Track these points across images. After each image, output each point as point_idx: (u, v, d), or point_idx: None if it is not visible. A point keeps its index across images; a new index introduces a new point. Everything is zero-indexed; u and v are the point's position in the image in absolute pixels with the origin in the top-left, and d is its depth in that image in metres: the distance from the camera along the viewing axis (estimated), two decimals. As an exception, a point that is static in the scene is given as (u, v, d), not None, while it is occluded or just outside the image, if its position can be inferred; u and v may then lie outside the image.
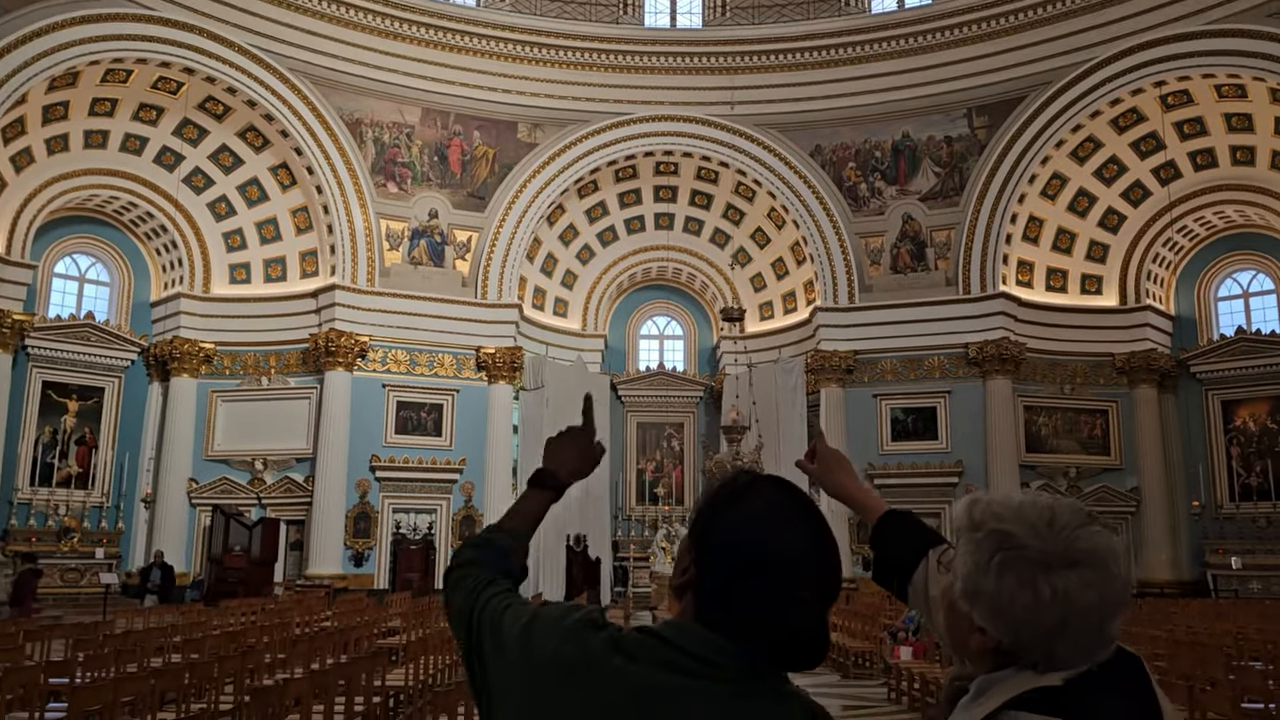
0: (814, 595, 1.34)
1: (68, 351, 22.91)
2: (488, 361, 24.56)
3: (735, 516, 1.36)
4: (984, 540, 1.34)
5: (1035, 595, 1.29)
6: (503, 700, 1.41)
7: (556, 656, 1.34)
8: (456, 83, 24.58)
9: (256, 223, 24.55)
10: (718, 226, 27.53)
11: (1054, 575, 1.29)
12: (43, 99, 21.05)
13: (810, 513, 1.40)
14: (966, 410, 23.75)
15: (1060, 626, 1.29)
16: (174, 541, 22.82)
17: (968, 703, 1.39)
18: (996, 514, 1.36)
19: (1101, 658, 1.33)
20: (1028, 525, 1.32)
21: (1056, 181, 24.51)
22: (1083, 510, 1.35)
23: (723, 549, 1.35)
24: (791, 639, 1.33)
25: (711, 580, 1.35)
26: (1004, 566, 1.31)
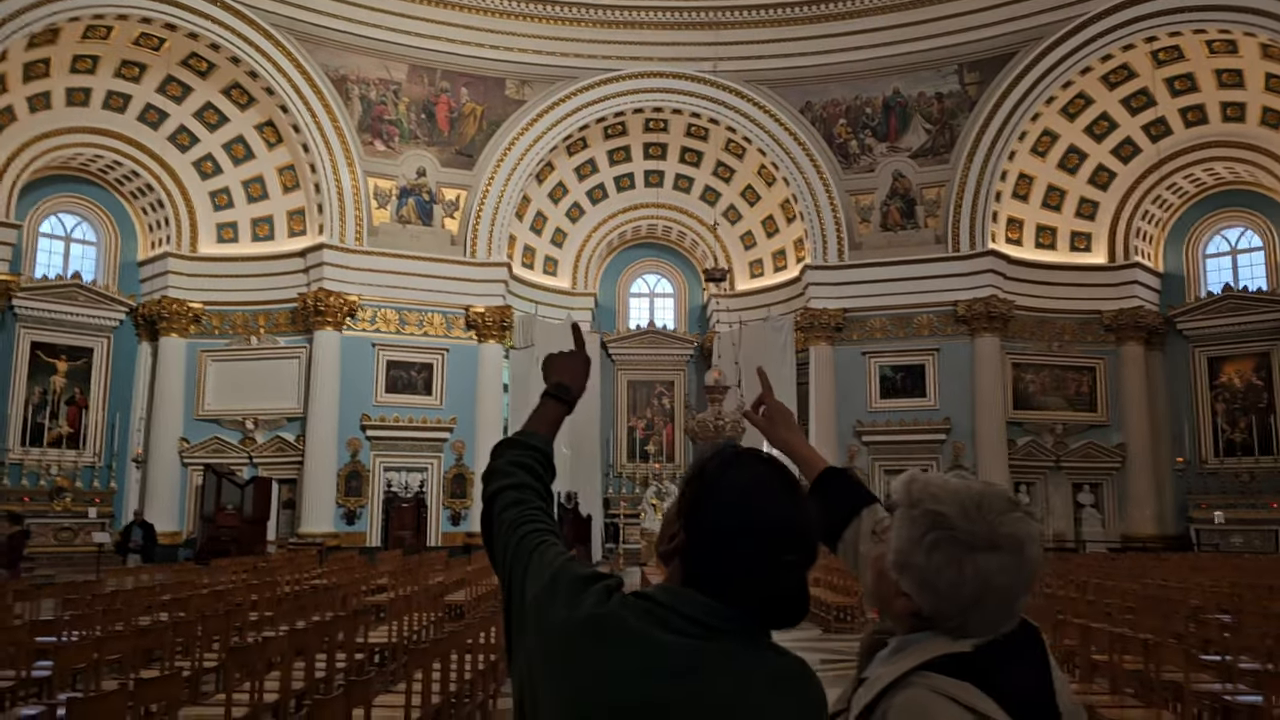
0: (796, 559, 1.43)
1: (55, 312, 22.85)
2: (477, 320, 24.57)
3: (723, 488, 1.44)
4: (919, 518, 1.46)
5: (959, 572, 1.42)
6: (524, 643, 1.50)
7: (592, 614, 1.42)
8: (443, 38, 24.32)
9: (243, 181, 24.39)
10: (708, 184, 27.43)
11: (977, 556, 1.42)
12: (23, 56, 20.81)
13: (790, 484, 1.48)
14: (955, 368, 23.87)
15: (977, 601, 1.42)
16: (166, 501, 22.97)
17: (886, 656, 1.53)
18: (933, 494, 1.48)
19: (1007, 629, 1.46)
20: (959, 508, 1.44)
21: (1047, 138, 24.43)
22: (1008, 497, 1.48)
23: (711, 519, 1.43)
24: (777, 600, 1.42)
25: (701, 548, 1.43)
26: (934, 545, 1.43)
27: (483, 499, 1.75)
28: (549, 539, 1.62)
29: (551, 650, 1.45)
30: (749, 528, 1.41)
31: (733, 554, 1.41)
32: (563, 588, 1.49)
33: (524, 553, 1.59)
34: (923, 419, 23.97)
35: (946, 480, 1.52)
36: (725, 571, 1.41)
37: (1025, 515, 1.48)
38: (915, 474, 1.58)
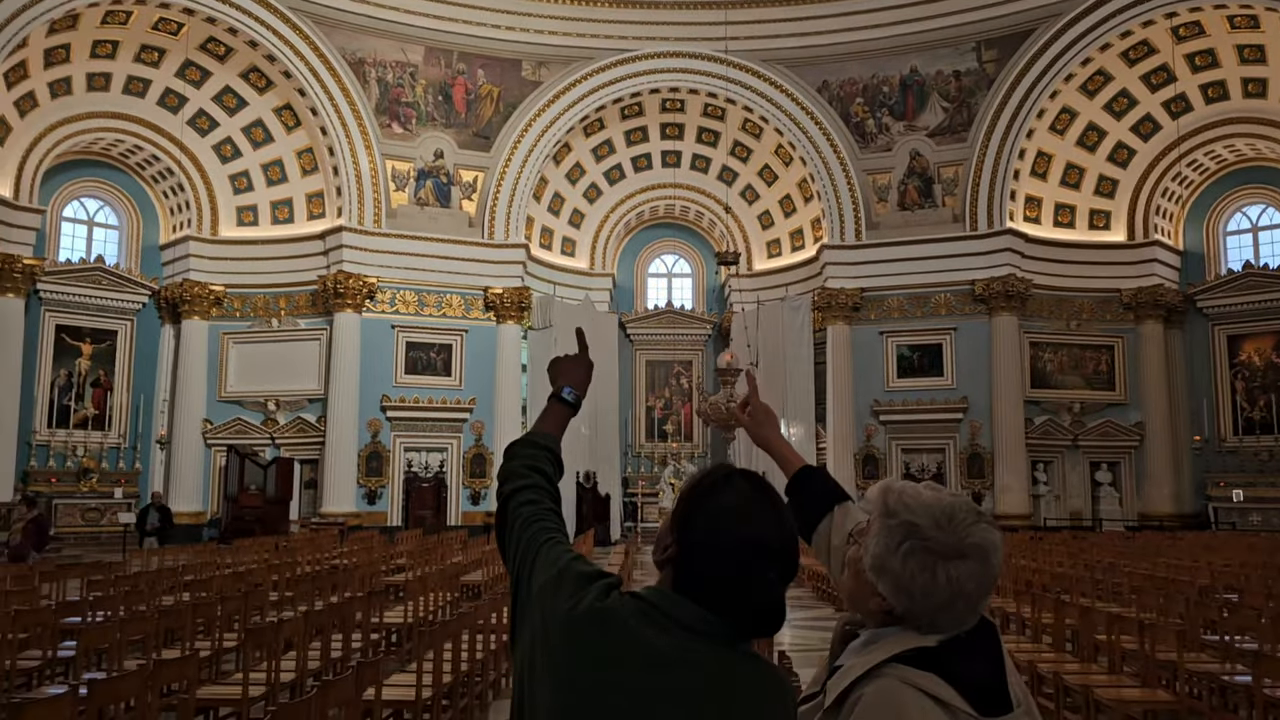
0: (777, 575, 1.56)
1: (79, 295, 23.20)
2: (496, 301, 24.72)
3: (713, 506, 1.57)
4: (895, 528, 1.60)
5: (932, 579, 1.56)
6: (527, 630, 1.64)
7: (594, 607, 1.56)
8: (459, 20, 24.35)
9: (262, 164, 24.59)
10: (725, 164, 27.40)
11: (948, 564, 1.56)
12: (43, 42, 21.02)
13: (775, 504, 1.62)
14: (972, 347, 23.84)
15: (947, 604, 1.57)
16: (190, 481, 23.36)
17: (858, 647, 1.68)
18: (908, 506, 1.61)
19: (968, 626, 1.61)
20: (931, 519, 1.58)
21: (1066, 116, 24.23)
22: (974, 509, 1.62)
23: (701, 535, 1.56)
24: (756, 611, 1.56)
25: (691, 560, 1.56)
26: (909, 553, 1.57)
27: (498, 497, 1.89)
28: (557, 537, 1.77)
29: (553, 637, 1.59)
30: (733, 544, 1.54)
31: (717, 568, 1.54)
32: (568, 582, 1.62)
33: (533, 548, 1.73)
34: (940, 398, 23.97)
35: (920, 492, 1.65)
36: (710, 583, 1.54)
37: (990, 525, 1.62)
38: (890, 484, 1.71)
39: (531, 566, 1.70)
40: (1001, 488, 23.17)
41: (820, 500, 2.22)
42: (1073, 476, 24.23)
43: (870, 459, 24.22)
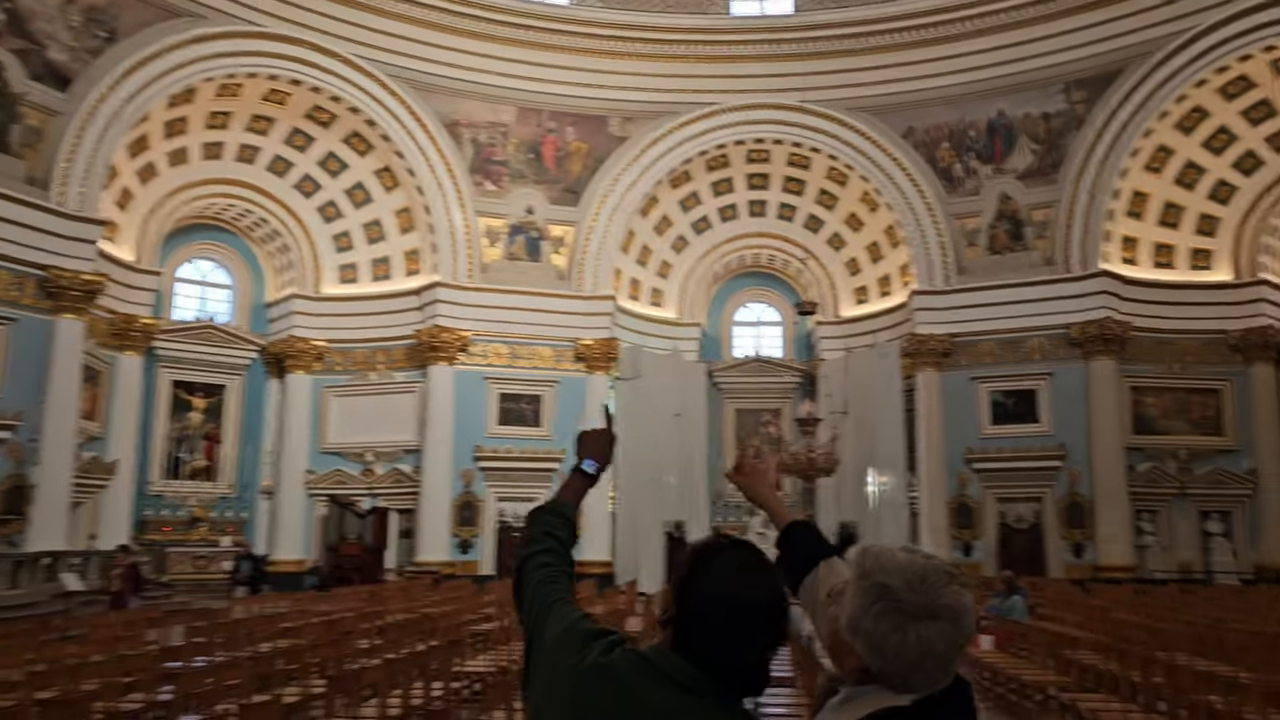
0: (765, 640, 1.73)
1: (193, 352, 24.46)
2: (585, 352, 25.13)
3: (709, 575, 1.75)
4: (869, 589, 1.70)
5: (903, 639, 1.65)
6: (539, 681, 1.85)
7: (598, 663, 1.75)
8: (549, 80, 25.13)
9: (363, 224, 25.65)
10: (811, 212, 27.47)
11: (919, 625, 1.64)
12: (164, 115, 22.43)
13: (768, 573, 1.80)
14: (1069, 392, 23.22)
15: (918, 663, 1.66)
16: (292, 530, 24.21)
17: (837, 704, 1.79)
18: (882, 567, 1.71)
19: (942, 686, 1.70)
20: (904, 581, 1.67)
21: (1161, 154, 23.64)
22: (948, 571, 1.70)
23: (696, 599, 1.74)
24: (744, 671, 1.73)
25: (688, 623, 1.74)
26: (882, 613, 1.67)
27: (516, 559, 2.10)
28: (567, 598, 1.97)
29: (560, 689, 1.78)
30: (726, 611, 1.71)
31: (711, 630, 1.71)
32: (575, 639, 1.82)
33: (546, 607, 1.93)
34: (1036, 445, 23.36)
35: (895, 554, 1.76)
36: (704, 643, 1.72)
37: (962, 588, 1.72)
38: (868, 547, 1.83)
39: (544, 623, 1.89)
40: (1104, 538, 22.38)
41: (807, 555, 2.32)
42: (1181, 526, 23.24)
43: (964, 508, 23.69)
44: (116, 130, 20.18)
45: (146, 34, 20.55)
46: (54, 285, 18.97)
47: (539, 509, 2.17)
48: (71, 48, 19.48)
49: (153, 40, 20.62)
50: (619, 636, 1.81)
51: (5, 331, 18.22)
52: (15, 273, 18.55)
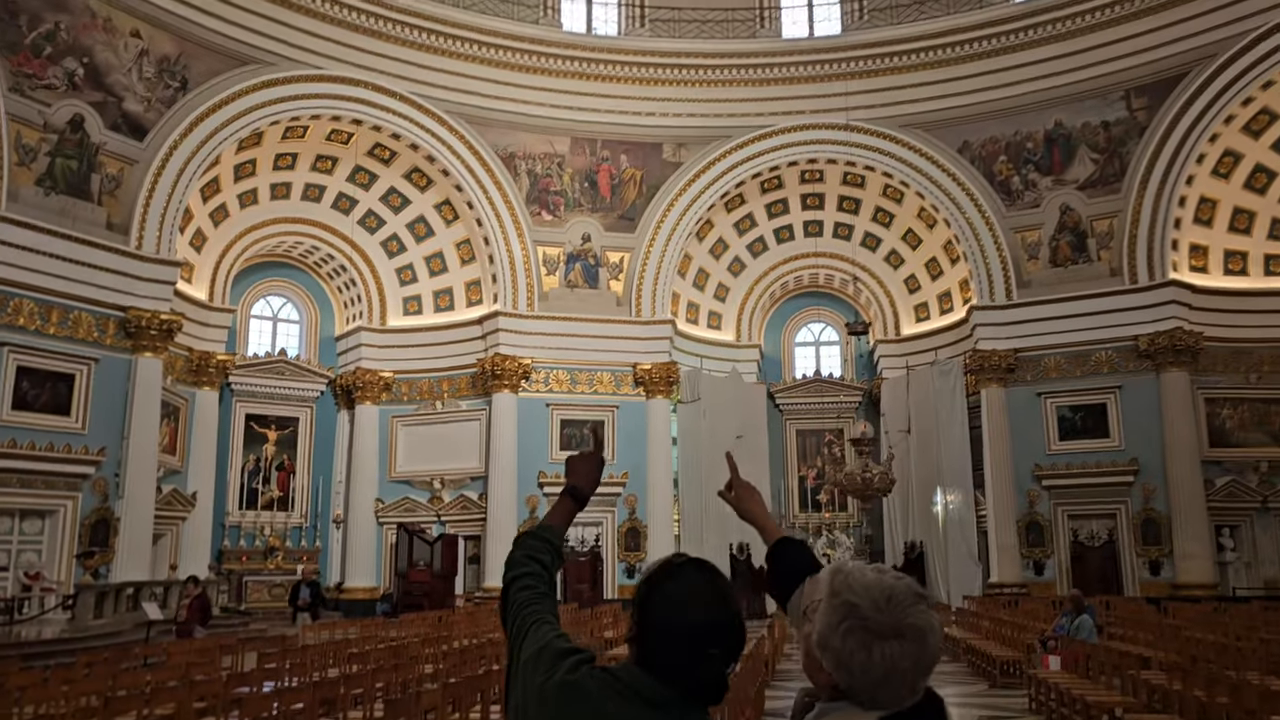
0: (720, 653, 1.84)
1: (265, 386, 25.24)
2: (644, 377, 25.31)
3: (664, 594, 1.88)
4: (838, 607, 1.78)
5: (868, 657, 1.72)
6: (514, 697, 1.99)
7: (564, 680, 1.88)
8: (602, 110, 25.52)
9: (425, 257, 26.25)
10: (867, 230, 27.38)
11: (885, 644, 1.71)
12: (233, 159, 23.29)
13: (721, 590, 1.92)
14: (1139, 405, 22.71)
15: (884, 681, 1.73)
16: (364, 558, 24.73)
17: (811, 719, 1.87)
18: (850, 587, 1.79)
19: (911, 702, 1.77)
20: (870, 601, 1.74)
21: (1229, 159, 23.12)
22: (916, 592, 1.78)
23: (653, 617, 1.87)
24: (701, 684, 1.84)
25: (647, 640, 1.87)
26: (848, 632, 1.74)
27: (503, 581, 2.25)
28: (546, 618, 2.10)
29: (531, 705, 1.92)
30: (682, 627, 1.83)
31: (669, 647, 1.83)
32: (546, 658, 1.95)
33: (525, 627, 2.07)
34: (1106, 460, 22.87)
35: (865, 574, 1.85)
36: (663, 659, 1.84)
37: (929, 609, 1.80)
38: (840, 566, 1.93)
39: (522, 642, 2.04)
40: (1182, 555, 21.77)
41: (794, 571, 2.40)
42: (1265, 541, 22.50)
43: (1034, 526, 23.25)
44: (190, 175, 21.00)
45: (216, 82, 21.40)
46: (134, 325, 19.76)
47: (524, 534, 2.31)
48: (146, 98, 20.37)
49: (222, 88, 21.46)
50: (588, 655, 1.94)
51: (88, 371, 19.02)
52: (97, 315, 19.38)
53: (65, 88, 18.96)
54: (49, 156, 18.68)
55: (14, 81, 18.11)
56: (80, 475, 18.66)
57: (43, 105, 18.57)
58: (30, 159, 18.40)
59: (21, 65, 18.28)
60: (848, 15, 25.91)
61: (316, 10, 22.60)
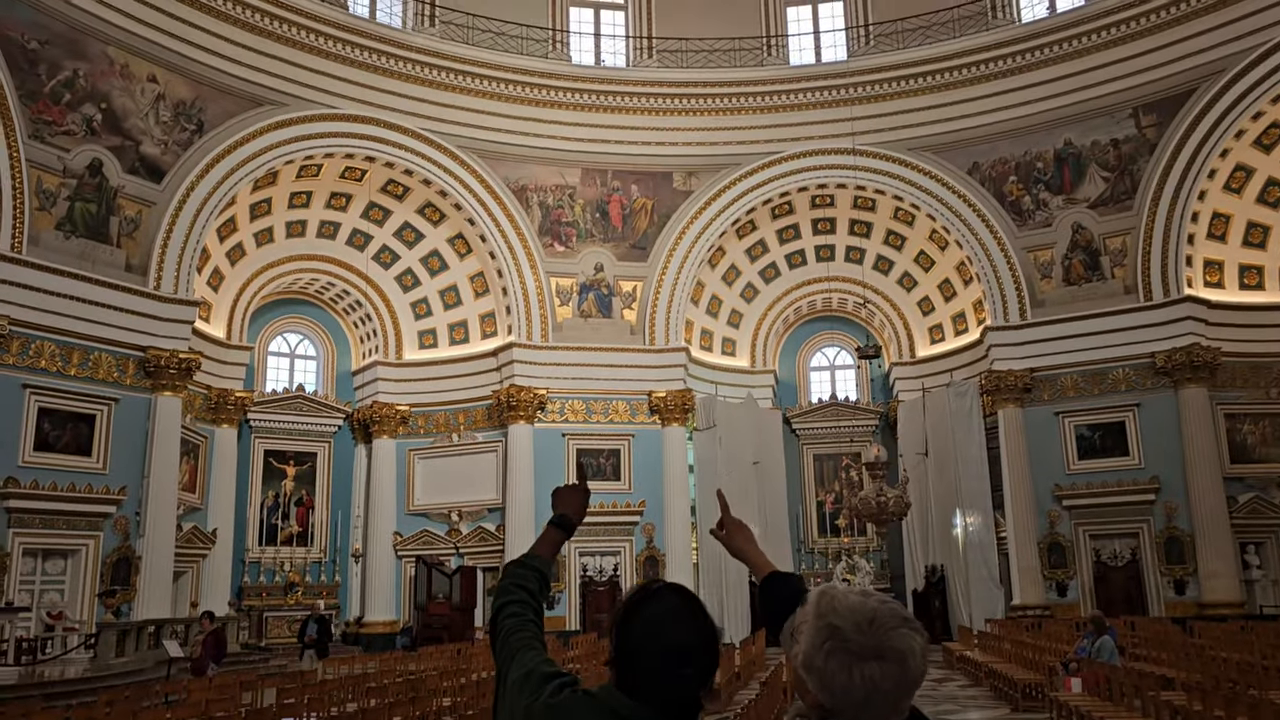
0: (694, 673, 1.91)
1: (284, 421, 25.41)
2: (660, 405, 25.33)
3: (640, 618, 1.96)
4: (821, 629, 1.82)
5: (849, 678, 1.76)
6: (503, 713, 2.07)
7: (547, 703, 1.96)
8: (612, 140, 25.73)
9: (439, 290, 26.44)
10: (880, 253, 27.41)
11: (866, 665, 1.75)
12: (249, 198, 23.60)
13: (696, 613, 1.99)
14: (1159, 423, 22.56)
15: (865, 702, 1.76)
16: (383, 592, 24.76)
17: None
18: (834, 609, 1.83)
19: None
20: (853, 623, 1.78)
21: (1241, 174, 23.07)
22: (899, 615, 1.81)
23: (628, 640, 1.94)
24: (675, 704, 1.91)
25: (624, 662, 1.94)
26: (831, 653, 1.78)
27: (492, 608, 2.33)
28: (532, 644, 2.18)
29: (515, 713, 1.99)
30: (656, 649, 1.91)
31: (642, 667, 1.91)
32: (531, 682, 2.03)
33: (511, 652, 2.16)
34: (1127, 479, 22.69)
35: (849, 596, 1.90)
36: (637, 679, 1.92)
37: (911, 631, 1.84)
38: (826, 588, 1.98)
39: (509, 667, 2.11)
40: (1207, 574, 21.52)
41: (786, 603, 2.46)
42: (1291, 558, 22.23)
43: (1056, 547, 23.05)
44: (207, 215, 21.30)
45: (231, 124, 21.75)
46: (153, 365, 19.98)
47: (512, 562, 2.39)
48: (163, 141, 20.72)
49: (237, 129, 21.80)
50: (571, 679, 2.00)
51: (109, 411, 19.24)
52: (117, 355, 19.62)
53: (84, 133, 19.31)
54: (69, 201, 19.00)
55: (34, 129, 18.47)
56: (101, 514, 18.84)
57: (62, 151, 18.92)
58: (50, 203, 18.72)
59: (41, 112, 18.65)
60: (853, 41, 26.09)
61: (328, 51, 22.96)
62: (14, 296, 17.81)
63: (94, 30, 19.53)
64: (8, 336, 17.72)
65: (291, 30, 22.36)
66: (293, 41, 22.47)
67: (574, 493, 2.57)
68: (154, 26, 20.43)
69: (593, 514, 23.99)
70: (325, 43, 22.86)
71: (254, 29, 21.91)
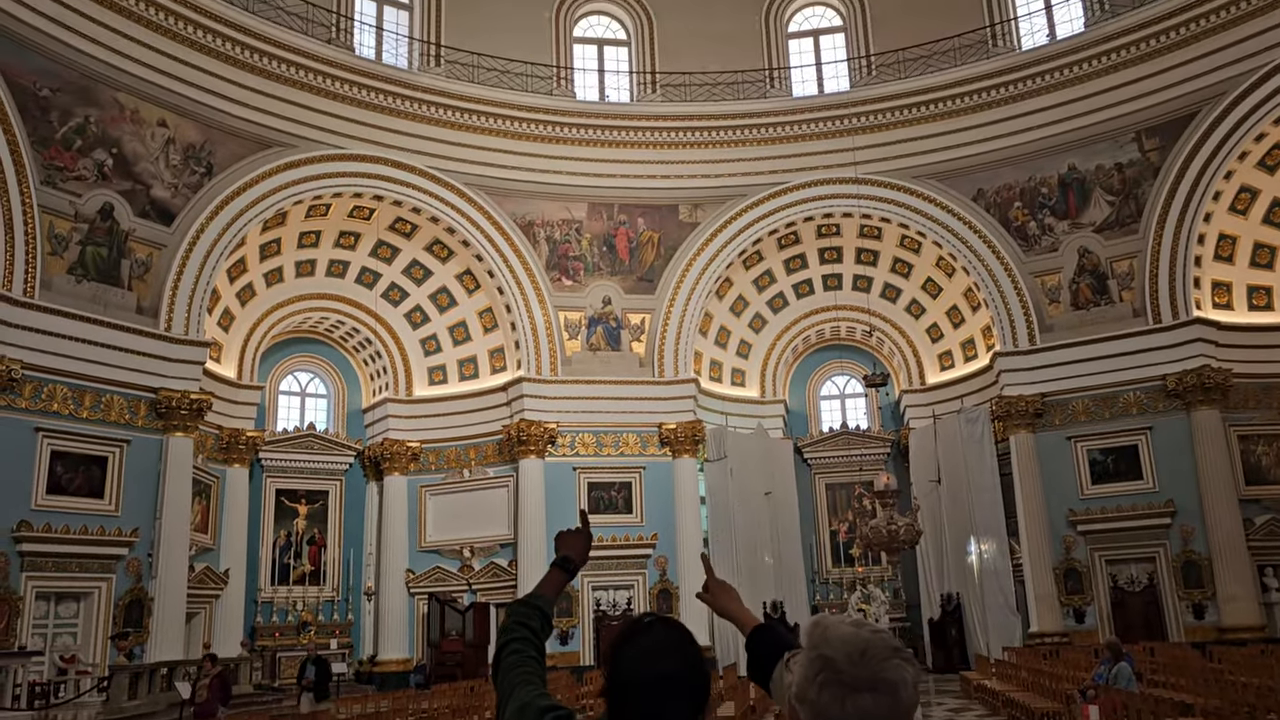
0: (684, 705, 1.96)
1: (295, 460, 25.46)
2: (670, 437, 25.30)
3: (630, 651, 2.01)
4: (814, 660, 1.84)
5: (842, 710, 1.77)
6: None
7: None
8: (617, 175, 25.92)
9: (448, 327, 26.56)
10: (887, 281, 27.46)
11: (858, 696, 1.76)
12: (258, 239, 23.81)
13: (685, 646, 2.03)
14: (1172, 446, 22.42)
15: None
16: (397, 630, 24.66)
17: None
18: (827, 640, 1.85)
19: None
20: (845, 655, 1.80)
21: (1245, 195, 23.08)
22: (891, 645, 1.83)
23: (620, 671, 1.99)
24: None
25: (616, 693, 1.99)
26: (823, 685, 1.80)
27: (496, 645, 2.39)
28: (531, 679, 2.26)
29: None
30: (648, 681, 1.96)
31: (636, 700, 1.96)
32: (530, 714, 2.10)
33: (511, 688, 2.23)
34: (1142, 503, 22.52)
35: (841, 627, 1.92)
36: (628, 711, 1.94)
37: (903, 662, 1.86)
38: (820, 619, 2.00)
39: (508, 702, 2.15)
40: (1225, 597, 21.29)
41: (772, 652, 2.49)
42: (1311, 580, 21.97)
43: (1072, 573, 22.84)
44: (217, 257, 21.49)
45: (240, 166, 21.99)
46: (164, 406, 20.09)
47: (515, 602, 2.44)
48: (173, 184, 20.96)
49: (246, 171, 22.04)
50: (566, 712, 2.03)
51: (120, 453, 19.33)
52: (129, 397, 19.73)
53: (95, 178, 19.56)
54: (80, 245, 19.21)
55: (46, 175, 18.72)
56: (114, 556, 18.87)
57: (74, 196, 19.15)
58: (62, 248, 18.93)
59: (53, 159, 18.91)
60: (855, 72, 26.28)
61: (336, 92, 23.25)
62: (27, 341, 17.97)
63: (105, 76, 19.83)
64: (21, 380, 17.85)
65: (299, 73, 22.67)
66: (300, 84, 22.77)
67: (576, 536, 2.67)
68: (164, 72, 20.74)
69: (605, 547, 24.09)
70: (332, 84, 23.15)
71: (262, 72, 22.21)
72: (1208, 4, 21.94)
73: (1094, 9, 23.95)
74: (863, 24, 26.43)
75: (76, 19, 19.24)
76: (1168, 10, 22.35)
